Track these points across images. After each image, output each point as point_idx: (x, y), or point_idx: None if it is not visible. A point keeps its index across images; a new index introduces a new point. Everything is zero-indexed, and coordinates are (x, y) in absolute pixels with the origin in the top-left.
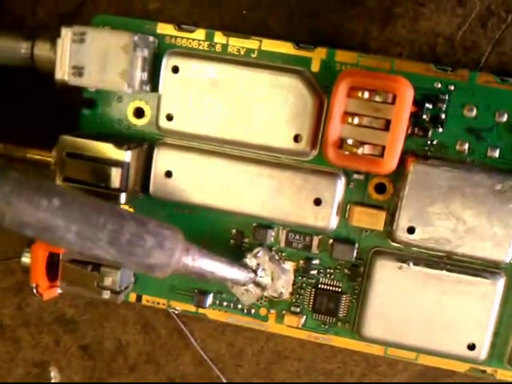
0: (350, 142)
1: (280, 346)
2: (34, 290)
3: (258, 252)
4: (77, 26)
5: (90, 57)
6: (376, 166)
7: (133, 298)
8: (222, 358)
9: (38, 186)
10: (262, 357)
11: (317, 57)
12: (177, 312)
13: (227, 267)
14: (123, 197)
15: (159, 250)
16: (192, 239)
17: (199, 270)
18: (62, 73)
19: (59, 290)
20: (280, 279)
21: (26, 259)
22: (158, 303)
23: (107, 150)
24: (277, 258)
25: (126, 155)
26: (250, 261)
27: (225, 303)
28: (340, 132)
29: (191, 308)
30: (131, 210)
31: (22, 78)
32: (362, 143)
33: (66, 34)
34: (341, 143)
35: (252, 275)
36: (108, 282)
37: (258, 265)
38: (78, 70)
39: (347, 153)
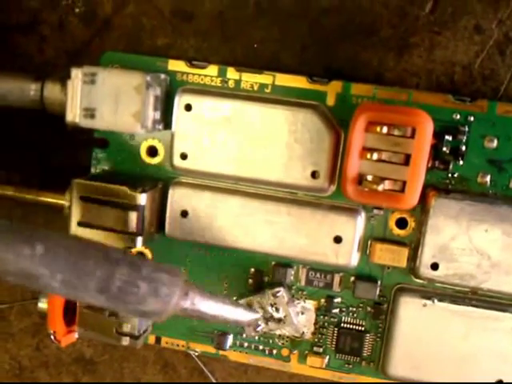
0: (369, 178)
1: None
2: (52, 337)
3: (279, 291)
4: (87, 66)
5: (101, 98)
6: (397, 202)
7: (152, 340)
8: None
9: (20, 232)
10: None
11: (332, 90)
12: (197, 354)
13: (231, 308)
14: (140, 240)
15: (154, 297)
16: (209, 279)
17: (198, 313)
18: (73, 115)
19: (77, 335)
20: (291, 325)
21: (42, 305)
22: (178, 345)
23: (122, 192)
24: (295, 302)
25: (141, 198)
26: (268, 297)
27: (245, 344)
28: (359, 168)
29: (211, 350)
30: (148, 251)
31: (32, 119)
32: (382, 179)
33: (77, 74)
34: (360, 179)
35: (258, 316)
36: (127, 328)
37: (274, 304)
38: (90, 112)
39: (367, 189)
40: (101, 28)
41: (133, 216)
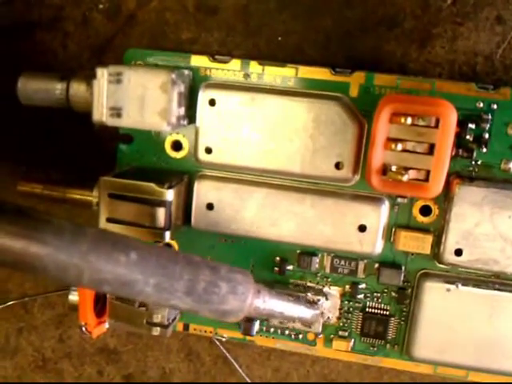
0: (394, 168)
1: (326, 369)
2: (83, 329)
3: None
4: (112, 65)
5: (127, 97)
6: (421, 191)
7: (180, 327)
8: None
9: (114, 241)
10: (309, 381)
11: (355, 81)
12: (224, 339)
13: (295, 305)
14: (167, 235)
15: (233, 295)
16: None
17: (269, 311)
18: (100, 114)
19: (107, 325)
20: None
21: (73, 297)
22: (205, 331)
23: (149, 189)
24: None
25: (168, 194)
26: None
27: (272, 329)
28: (383, 158)
29: (238, 335)
30: (174, 243)
31: (57, 116)
32: (406, 169)
33: (102, 74)
34: (384, 170)
35: (318, 312)
36: (157, 318)
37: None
38: (116, 111)
39: (391, 179)
40: (125, 23)
41: (160, 212)
